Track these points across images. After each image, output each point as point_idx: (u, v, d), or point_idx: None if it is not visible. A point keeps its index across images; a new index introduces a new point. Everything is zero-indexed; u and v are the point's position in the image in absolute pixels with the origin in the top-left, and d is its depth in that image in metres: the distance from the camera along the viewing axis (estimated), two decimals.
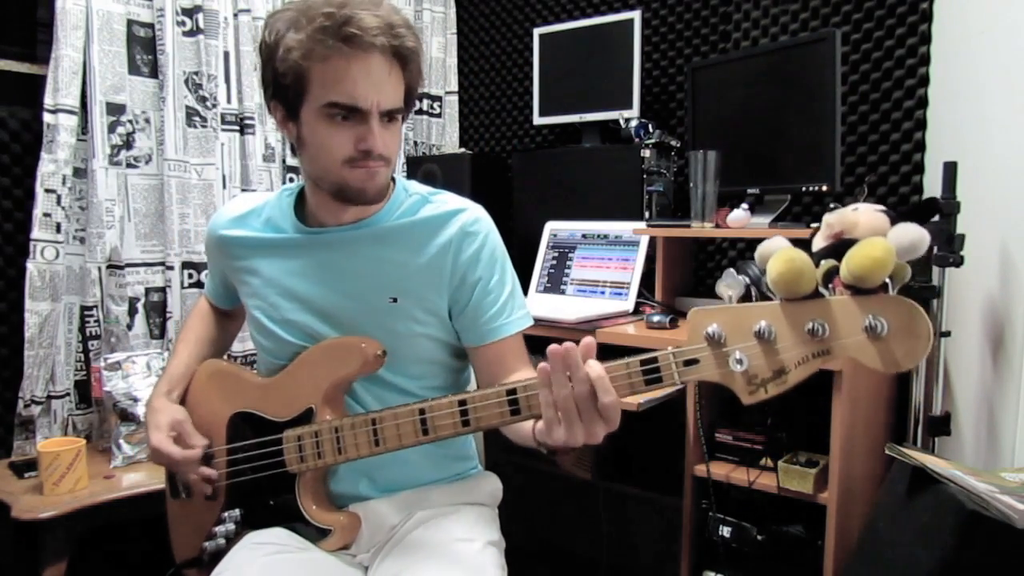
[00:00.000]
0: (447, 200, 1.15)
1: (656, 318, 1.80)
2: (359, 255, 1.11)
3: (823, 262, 0.80)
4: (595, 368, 0.84)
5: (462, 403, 0.95)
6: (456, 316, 1.13)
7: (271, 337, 1.14)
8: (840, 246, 0.81)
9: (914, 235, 0.78)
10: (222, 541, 1.12)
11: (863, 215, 0.87)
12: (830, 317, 0.77)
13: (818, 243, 0.91)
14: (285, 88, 1.02)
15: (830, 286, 0.79)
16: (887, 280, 0.74)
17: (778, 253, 0.79)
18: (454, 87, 2.87)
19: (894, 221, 0.83)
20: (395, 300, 1.09)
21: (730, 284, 0.86)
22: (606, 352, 0.89)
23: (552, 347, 0.84)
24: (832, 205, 0.95)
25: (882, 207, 0.89)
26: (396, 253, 1.10)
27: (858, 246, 0.74)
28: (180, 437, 1.14)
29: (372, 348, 1.05)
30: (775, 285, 0.78)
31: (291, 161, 2.37)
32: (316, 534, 1.08)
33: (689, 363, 0.85)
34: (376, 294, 1.09)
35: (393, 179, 1.16)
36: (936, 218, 1.43)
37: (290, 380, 1.10)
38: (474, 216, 1.12)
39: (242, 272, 1.18)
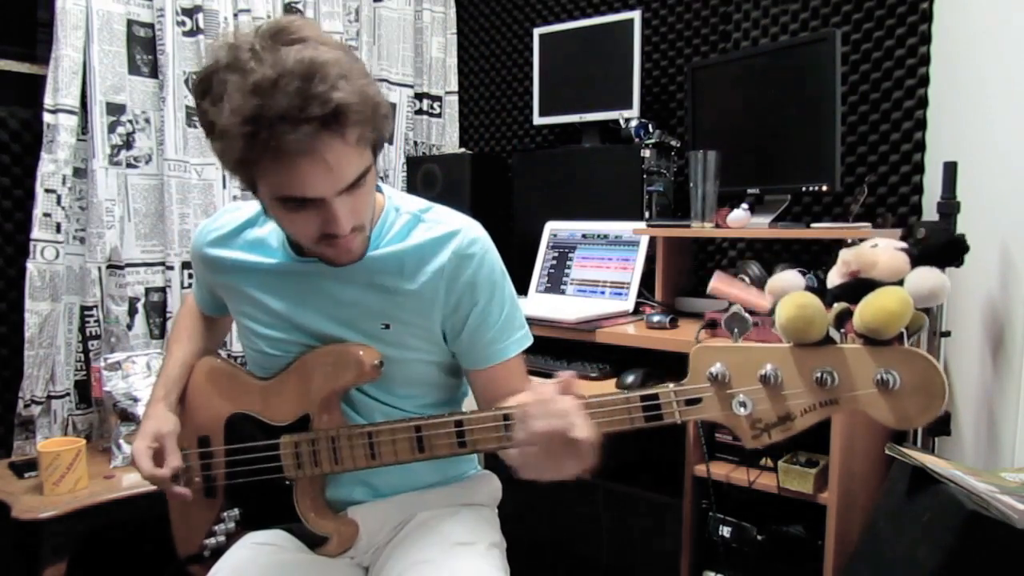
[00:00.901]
0: (440, 219, 1.08)
1: (656, 318, 1.80)
2: (350, 283, 1.06)
3: (836, 304, 0.77)
4: (568, 403, 0.79)
5: (459, 424, 0.94)
6: (452, 340, 1.09)
7: (261, 352, 1.13)
8: (856, 287, 0.78)
9: (934, 283, 0.75)
10: (223, 539, 1.12)
11: (882, 255, 0.83)
12: (840, 367, 0.74)
13: (833, 280, 0.87)
14: (233, 173, 0.94)
15: (842, 331, 0.76)
16: (902, 330, 0.71)
17: (789, 297, 0.76)
18: (454, 87, 2.87)
19: (915, 262, 0.80)
20: (387, 326, 1.06)
21: (736, 322, 0.84)
22: (606, 352, 0.88)
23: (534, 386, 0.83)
24: (851, 241, 0.92)
25: (904, 245, 0.85)
26: (388, 280, 1.04)
27: (873, 296, 0.72)
28: (159, 451, 1.12)
29: (370, 357, 1.03)
30: (783, 331, 0.76)
31: None
32: (314, 540, 1.08)
33: (691, 402, 0.83)
34: (368, 321, 1.06)
35: (383, 192, 1.10)
36: (937, 214, 1.43)
37: (287, 384, 1.09)
38: (468, 238, 1.05)
39: (229, 290, 1.14)
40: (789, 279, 0.82)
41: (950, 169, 1.43)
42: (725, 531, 1.60)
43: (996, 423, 1.36)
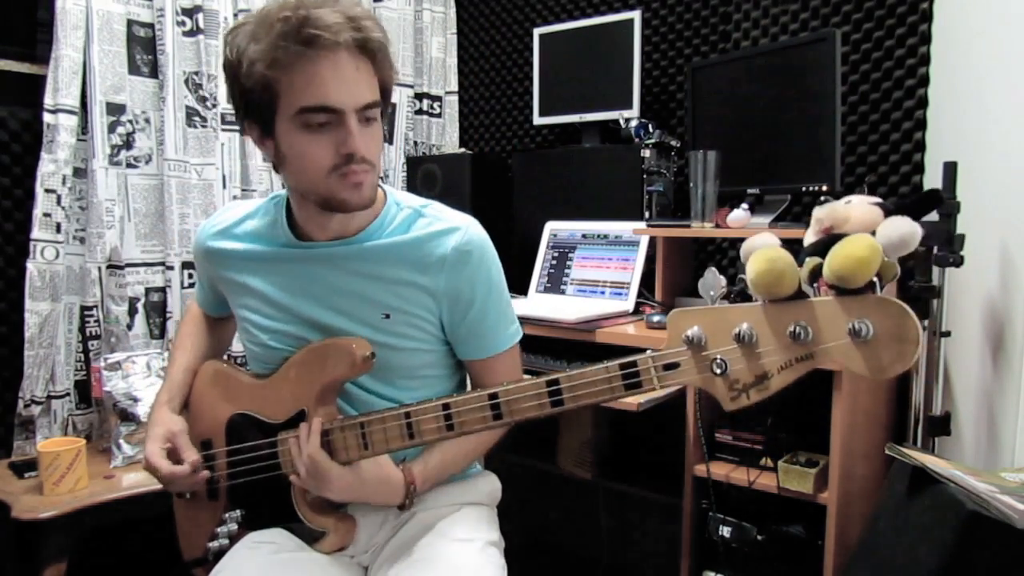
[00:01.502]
0: (440, 215, 1.11)
1: (656, 318, 1.80)
2: (350, 272, 1.08)
3: (808, 260, 0.76)
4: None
5: (446, 407, 0.95)
6: (450, 331, 1.13)
7: (261, 345, 1.14)
8: (829, 242, 0.76)
9: (904, 230, 0.74)
10: (225, 541, 1.13)
11: (855, 209, 0.83)
12: (813, 320, 0.73)
13: (808, 238, 0.87)
14: (255, 103, 0.99)
15: (815, 285, 0.75)
16: (874, 279, 0.70)
17: (758, 252, 0.74)
18: (454, 87, 2.87)
19: (889, 214, 0.79)
20: (387, 316, 1.08)
21: (711, 283, 0.83)
22: (606, 352, 0.89)
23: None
24: (823, 199, 0.91)
25: (878, 199, 0.84)
26: (388, 270, 1.07)
27: (841, 244, 0.70)
28: (173, 450, 1.13)
29: (361, 350, 1.04)
30: (754, 285, 0.75)
31: None
32: (311, 536, 1.08)
33: (669, 367, 0.82)
34: (368, 310, 1.08)
35: (383, 190, 1.13)
36: (936, 214, 1.43)
37: (283, 382, 1.10)
38: (467, 236, 1.08)
39: (230, 283, 1.16)
40: (762, 239, 0.81)
41: (950, 169, 1.43)
42: (725, 531, 1.60)
43: (996, 423, 1.36)
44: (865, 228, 0.78)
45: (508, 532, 1.20)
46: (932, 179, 1.79)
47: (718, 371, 0.78)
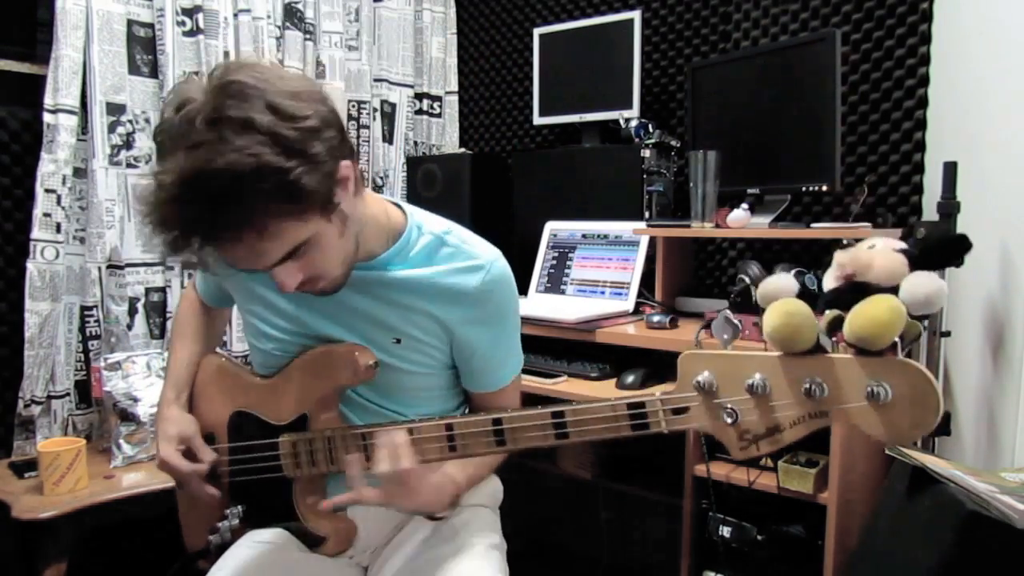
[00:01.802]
0: (462, 247, 1.07)
1: (656, 318, 1.80)
2: (366, 295, 1.06)
3: (828, 312, 0.73)
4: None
5: (449, 428, 0.94)
6: (460, 362, 1.12)
7: (265, 352, 1.13)
8: (851, 291, 0.74)
9: (930, 289, 0.71)
10: (227, 535, 1.13)
11: (878, 256, 0.79)
12: (830, 377, 0.71)
13: (828, 283, 0.84)
14: None
15: (834, 339, 0.73)
16: (896, 340, 0.68)
17: (776, 305, 0.72)
18: (454, 87, 2.87)
19: (914, 264, 0.76)
20: (398, 341, 1.06)
21: (724, 327, 0.81)
22: (606, 352, 0.88)
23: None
24: (846, 242, 0.89)
25: (902, 245, 0.81)
26: (405, 299, 1.05)
27: (863, 305, 0.68)
28: (189, 451, 1.12)
29: (364, 358, 1.03)
30: (770, 339, 0.73)
31: None
32: (312, 539, 1.08)
33: (678, 411, 0.80)
34: (380, 334, 1.06)
35: (402, 209, 1.09)
36: (937, 214, 1.43)
37: (286, 384, 1.10)
38: (491, 276, 1.06)
39: (241, 287, 1.14)
40: (780, 283, 0.78)
41: (950, 169, 1.43)
42: (725, 531, 1.60)
43: (996, 423, 1.36)
44: (888, 278, 0.75)
45: (508, 532, 1.20)
46: (932, 179, 1.79)
47: (729, 420, 0.76)
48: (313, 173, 0.84)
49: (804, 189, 1.78)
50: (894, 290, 0.74)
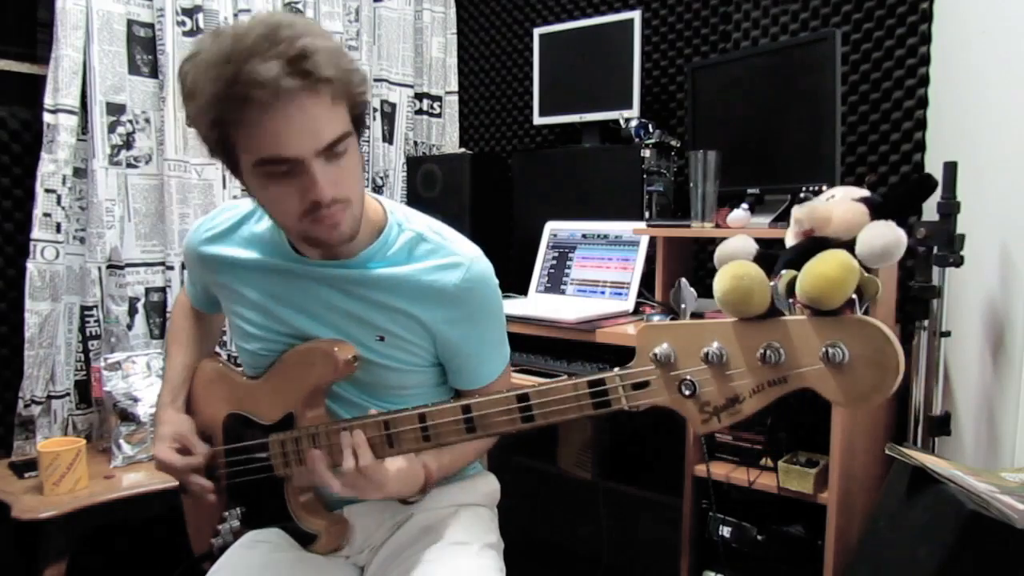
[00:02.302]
0: (442, 244, 1.07)
1: (656, 318, 1.80)
2: (347, 293, 1.06)
3: (783, 273, 0.69)
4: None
5: (422, 418, 0.94)
6: (445, 360, 1.12)
7: (251, 353, 1.13)
8: (806, 250, 0.70)
9: (888, 239, 0.68)
10: (229, 537, 1.13)
11: (837, 207, 0.75)
12: (786, 341, 0.67)
13: (788, 240, 0.80)
14: (215, 152, 0.94)
15: (791, 301, 0.68)
16: (853, 297, 0.64)
17: (725, 268, 0.68)
18: (454, 87, 2.87)
19: (875, 212, 0.72)
20: (382, 339, 1.06)
21: (683, 296, 0.74)
22: (606, 352, 0.88)
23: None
24: (803, 195, 0.84)
25: (864, 193, 0.77)
26: (387, 298, 1.05)
27: (812, 262, 0.64)
28: (183, 448, 1.13)
29: (344, 353, 1.03)
30: (721, 304, 0.69)
31: None
32: (305, 537, 1.08)
33: (638, 386, 0.77)
34: (363, 331, 1.06)
35: (383, 206, 1.09)
36: (937, 214, 1.43)
37: (272, 384, 1.10)
38: (470, 273, 1.05)
39: (225, 289, 1.14)
40: (737, 245, 0.75)
41: (950, 169, 1.43)
42: (725, 531, 1.60)
43: (996, 423, 1.36)
44: (847, 231, 0.71)
45: (508, 532, 1.20)
46: None
47: (687, 392, 0.73)
48: (366, 91, 0.95)
49: (804, 189, 1.78)
50: (853, 243, 0.70)
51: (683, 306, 0.75)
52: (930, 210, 1.44)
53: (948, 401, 1.58)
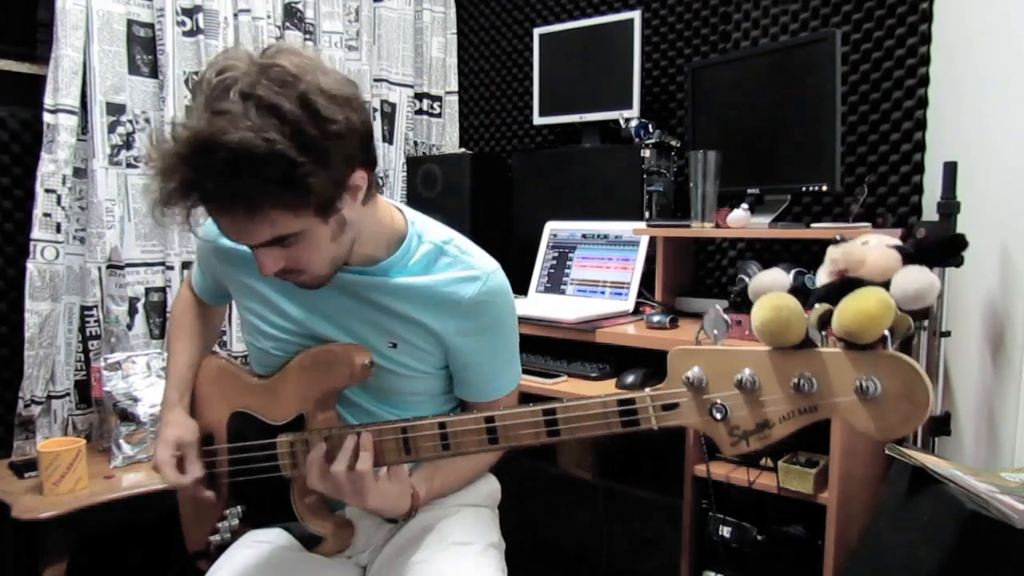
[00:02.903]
0: (462, 257, 1.08)
1: (656, 318, 1.80)
2: (364, 300, 1.06)
3: (818, 306, 0.72)
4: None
5: (442, 426, 0.94)
6: (454, 371, 1.12)
7: (263, 351, 1.13)
8: (842, 287, 0.74)
9: (921, 283, 0.70)
10: (227, 535, 1.13)
11: (872, 252, 0.79)
12: (819, 372, 0.71)
13: (821, 278, 0.84)
14: None
15: (824, 333, 0.72)
16: (886, 334, 0.67)
17: (764, 299, 0.71)
18: (454, 87, 2.87)
19: (907, 259, 0.76)
20: (394, 345, 1.07)
21: (715, 322, 0.80)
22: (606, 352, 0.88)
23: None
24: (839, 237, 0.87)
25: (896, 242, 0.81)
26: (402, 307, 1.05)
27: (852, 297, 0.67)
28: (181, 460, 1.13)
29: (360, 358, 1.04)
30: (759, 334, 0.72)
31: None
32: (310, 539, 1.08)
33: (668, 407, 0.80)
34: (376, 337, 1.07)
35: (405, 217, 1.09)
36: (937, 214, 1.43)
37: (284, 384, 1.10)
38: (487, 287, 1.06)
39: (239, 284, 1.14)
40: (772, 278, 0.78)
41: (950, 169, 1.43)
42: (725, 531, 1.60)
43: (996, 423, 1.36)
44: (881, 274, 0.75)
45: (508, 532, 1.20)
46: (932, 179, 1.79)
47: (718, 416, 0.76)
48: (321, 175, 0.85)
49: (804, 189, 1.78)
50: (886, 286, 0.73)
51: (715, 333, 0.78)
52: (930, 210, 1.44)
53: (948, 401, 1.58)
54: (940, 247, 0.99)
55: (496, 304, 1.08)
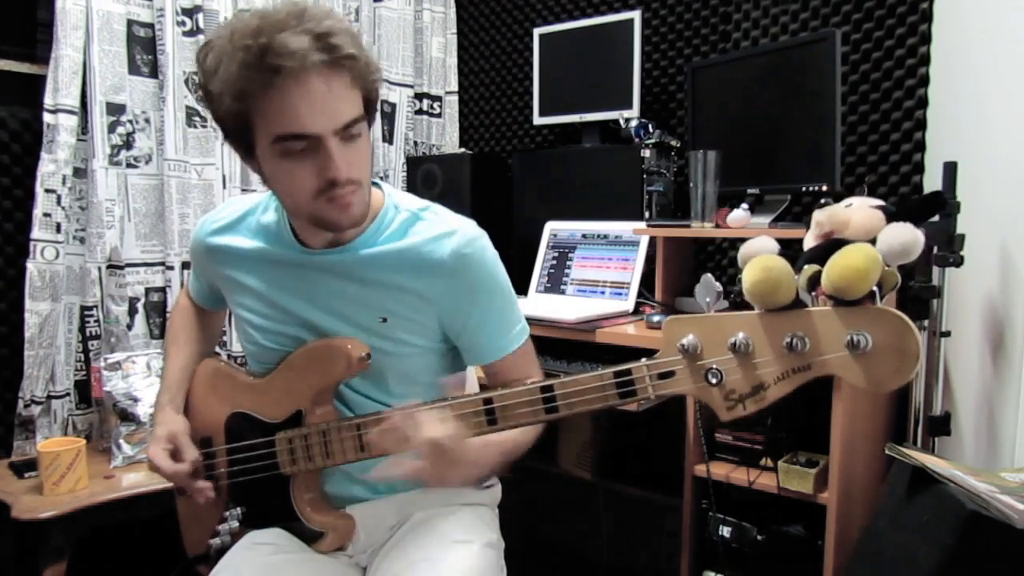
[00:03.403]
0: (438, 218, 1.08)
1: (656, 318, 1.80)
2: (348, 277, 1.07)
3: (806, 267, 0.74)
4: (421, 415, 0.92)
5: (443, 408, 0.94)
6: (453, 337, 1.12)
7: (258, 345, 1.14)
8: (829, 248, 0.75)
9: (906, 238, 0.72)
10: (227, 538, 1.13)
11: (856, 213, 0.81)
12: (810, 330, 0.71)
13: (808, 242, 0.85)
14: (231, 130, 0.97)
15: (813, 294, 0.74)
16: (874, 289, 0.68)
17: (754, 260, 0.72)
18: (454, 87, 2.87)
19: (891, 218, 0.77)
20: (384, 320, 1.07)
21: (706, 291, 0.82)
22: (606, 352, 0.89)
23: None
24: (823, 201, 0.89)
25: (879, 202, 0.82)
26: (385, 276, 1.05)
27: (839, 254, 0.69)
28: (175, 450, 1.13)
29: (357, 350, 1.04)
30: (750, 295, 0.73)
31: None
32: (310, 535, 1.08)
33: (664, 376, 0.81)
34: (365, 315, 1.07)
35: (382, 190, 1.11)
36: (937, 217, 1.43)
37: (280, 382, 1.10)
38: (466, 238, 1.06)
39: (229, 281, 1.15)
40: (760, 244, 0.79)
41: (950, 169, 1.43)
42: (725, 531, 1.61)
43: (996, 423, 1.36)
44: (866, 233, 0.76)
45: (508, 532, 1.20)
46: (932, 179, 1.79)
47: (713, 381, 0.77)
48: (368, 73, 0.97)
49: (804, 189, 1.78)
50: (872, 244, 0.74)
51: (708, 299, 0.79)
52: None
53: (948, 401, 1.58)
54: (922, 205, 1.00)
55: (478, 258, 1.07)
